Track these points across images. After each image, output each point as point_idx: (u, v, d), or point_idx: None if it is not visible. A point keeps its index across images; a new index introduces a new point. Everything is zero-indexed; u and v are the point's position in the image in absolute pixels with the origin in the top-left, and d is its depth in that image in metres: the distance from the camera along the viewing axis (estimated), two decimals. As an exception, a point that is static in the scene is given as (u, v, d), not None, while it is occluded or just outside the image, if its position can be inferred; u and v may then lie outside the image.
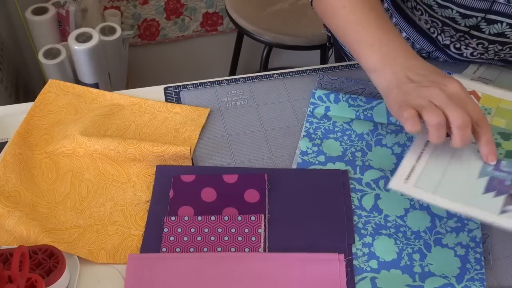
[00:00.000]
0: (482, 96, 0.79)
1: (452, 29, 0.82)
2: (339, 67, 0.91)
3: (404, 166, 0.67)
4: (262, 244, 0.66)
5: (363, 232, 0.68)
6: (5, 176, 0.71)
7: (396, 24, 0.93)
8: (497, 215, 0.62)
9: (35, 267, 0.60)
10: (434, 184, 0.66)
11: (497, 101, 0.79)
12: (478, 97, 0.79)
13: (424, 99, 0.62)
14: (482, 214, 0.63)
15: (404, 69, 0.66)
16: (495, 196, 0.65)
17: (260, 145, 0.78)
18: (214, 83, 0.87)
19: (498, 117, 0.77)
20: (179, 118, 0.81)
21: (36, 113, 0.80)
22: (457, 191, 0.65)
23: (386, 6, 0.93)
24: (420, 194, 0.65)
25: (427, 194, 0.65)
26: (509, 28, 0.77)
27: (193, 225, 0.67)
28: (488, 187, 0.65)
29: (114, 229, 0.68)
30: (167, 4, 1.94)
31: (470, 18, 0.77)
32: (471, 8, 0.76)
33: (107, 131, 0.79)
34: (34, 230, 0.66)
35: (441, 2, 0.77)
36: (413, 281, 0.64)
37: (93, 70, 1.56)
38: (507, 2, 0.73)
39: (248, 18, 1.63)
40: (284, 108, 0.84)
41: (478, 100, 0.79)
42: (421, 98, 0.62)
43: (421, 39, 0.89)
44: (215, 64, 2.19)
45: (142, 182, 0.73)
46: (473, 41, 0.82)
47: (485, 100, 0.79)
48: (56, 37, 1.64)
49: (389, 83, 0.67)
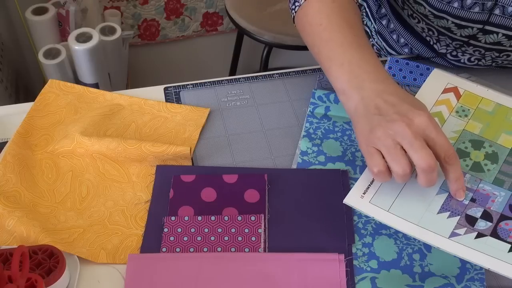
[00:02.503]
0: (463, 93, 0.75)
1: (448, 38, 0.81)
2: (339, 67, 0.90)
3: (361, 180, 0.65)
4: (262, 244, 0.66)
5: (363, 232, 0.68)
6: (5, 176, 0.71)
7: (394, 30, 0.93)
8: (446, 239, 0.60)
9: (35, 267, 0.60)
10: (389, 200, 0.63)
11: (478, 100, 0.74)
12: (459, 94, 0.75)
13: (389, 140, 0.60)
14: (432, 237, 0.60)
15: (372, 95, 0.64)
16: (449, 217, 0.62)
17: (260, 145, 0.78)
18: (214, 83, 0.87)
19: (475, 120, 0.72)
20: (179, 118, 0.81)
21: (36, 113, 0.80)
22: (412, 209, 0.63)
23: (384, 12, 0.93)
24: (373, 212, 0.62)
25: (381, 212, 0.62)
26: (505, 38, 0.77)
27: (193, 225, 0.67)
28: (444, 207, 0.63)
29: (114, 229, 0.68)
30: (167, 4, 1.94)
31: (466, 28, 0.77)
32: (467, 19, 0.75)
33: (107, 131, 0.79)
34: (34, 230, 0.66)
35: (437, 13, 0.77)
36: (413, 281, 0.64)
37: (93, 70, 1.56)
38: (502, 14, 0.73)
39: (248, 18, 1.63)
40: (284, 108, 0.84)
41: (458, 98, 0.74)
42: (387, 138, 0.60)
43: (419, 45, 0.89)
44: (215, 64, 2.19)
45: (142, 182, 0.73)
46: (469, 49, 0.82)
47: (466, 99, 0.74)
48: (56, 37, 1.64)
49: (355, 109, 0.65)
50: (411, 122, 0.60)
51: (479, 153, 0.69)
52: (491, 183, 0.66)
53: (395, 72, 0.86)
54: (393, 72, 0.86)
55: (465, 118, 0.72)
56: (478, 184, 0.66)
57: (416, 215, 0.63)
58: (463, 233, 0.61)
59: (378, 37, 0.98)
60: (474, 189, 0.66)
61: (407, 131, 0.59)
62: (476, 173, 0.67)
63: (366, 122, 0.63)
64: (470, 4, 0.73)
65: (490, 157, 0.69)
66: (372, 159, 0.61)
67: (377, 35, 0.98)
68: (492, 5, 0.72)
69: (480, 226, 0.62)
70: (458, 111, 0.73)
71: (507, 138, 0.71)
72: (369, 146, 0.62)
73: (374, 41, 1.00)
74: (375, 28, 0.98)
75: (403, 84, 0.85)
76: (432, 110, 0.73)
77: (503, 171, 0.68)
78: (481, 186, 0.66)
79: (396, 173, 0.60)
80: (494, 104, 0.74)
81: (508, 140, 0.70)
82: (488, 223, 0.62)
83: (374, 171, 0.61)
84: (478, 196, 0.65)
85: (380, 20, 0.95)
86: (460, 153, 0.69)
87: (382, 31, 0.96)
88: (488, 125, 0.72)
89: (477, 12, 0.73)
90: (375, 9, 0.96)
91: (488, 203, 0.64)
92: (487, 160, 0.68)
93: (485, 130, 0.71)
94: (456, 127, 0.72)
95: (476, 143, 0.70)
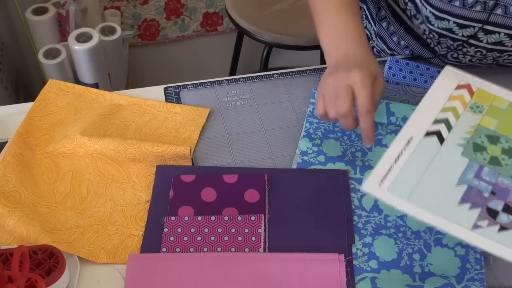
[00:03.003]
0: (476, 91, 0.74)
1: (449, 39, 0.81)
2: (339, 67, 0.90)
3: (380, 166, 0.64)
4: (262, 244, 0.66)
5: (363, 232, 0.68)
6: (5, 176, 0.71)
7: (395, 32, 0.93)
8: (468, 230, 0.60)
9: (35, 267, 0.60)
10: (409, 189, 0.63)
11: (492, 98, 0.74)
12: (472, 91, 0.74)
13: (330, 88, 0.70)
14: (454, 228, 0.60)
15: (342, 57, 0.73)
16: (470, 208, 0.62)
17: (260, 145, 0.78)
18: (214, 83, 0.87)
19: (489, 116, 0.72)
20: (179, 118, 0.81)
21: (36, 113, 0.80)
22: (432, 199, 0.62)
23: (384, 14, 0.93)
24: (392, 200, 0.62)
25: (400, 201, 0.62)
26: (507, 37, 0.77)
27: (193, 225, 0.67)
28: (464, 197, 0.63)
29: (114, 229, 0.68)
30: (167, 4, 1.93)
31: (467, 28, 0.77)
32: (468, 18, 0.75)
33: (107, 131, 0.79)
34: (34, 230, 0.66)
35: (438, 14, 0.77)
36: (413, 281, 0.64)
37: (93, 70, 1.55)
38: (504, 14, 0.73)
39: (248, 18, 1.63)
40: (284, 108, 0.84)
41: (471, 95, 0.74)
42: (328, 86, 0.71)
43: (419, 47, 0.89)
44: (215, 64, 2.19)
45: (142, 182, 0.73)
46: (471, 49, 0.82)
47: (479, 96, 0.74)
48: (56, 37, 1.64)
49: (328, 68, 0.74)
50: (348, 76, 0.69)
51: (496, 148, 0.69)
52: (510, 177, 0.66)
53: (395, 72, 0.86)
54: (393, 72, 0.86)
55: (480, 114, 0.72)
56: (497, 178, 0.66)
57: (438, 205, 0.62)
58: (485, 226, 0.61)
59: (378, 40, 0.98)
60: (493, 182, 0.65)
61: (341, 82, 0.69)
62: (494, 166, 0.67)
63: (325, 75, 0.73)
64: (472, 3, 0.73)
65: (507, 152, 0.68)
66: (318, 102, 0.72)
67: (377, 38, 0.98)
68: (493, 4, 0.72)
69: (502, 219, 0.62)
70: (472, 107, 0.72)
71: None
72: (318, 90, 0.73)
73: (374, 43, 1.00)
74: (375, 31, 0.98)
75: (403, 84, 0.85)
76: (446, 104, 0.73)
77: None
78: (500, 180, 0.65)
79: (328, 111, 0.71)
80: (508, 102, 0.73)
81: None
82: (510, 216, 0.62)
83: (317, 111, 0.72)
84: (497, 189, 0.64)
85: (380, 23, 0.95)
86: (477, 147, 0.69)
87: (382, 34, 0.96)
88: (504, 122, 0.71)
89: (478, 11, 0.73)
90: (375, 11, 0.96)
91: (509, 197, 0.64)
92: (504, 155, 0.68)
93: (500, 126, 0.71)
94: (471, 122, 0.71)
95: (492, 138, 0.70)
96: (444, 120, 0.70)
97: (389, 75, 0.86)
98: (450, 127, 0.69)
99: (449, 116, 0.70)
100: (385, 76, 0.86)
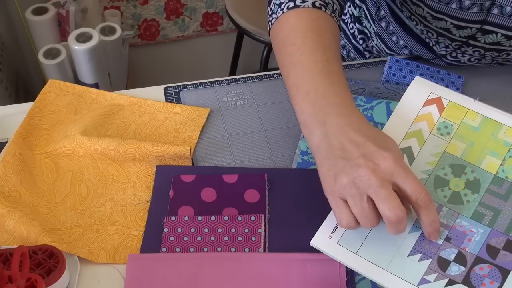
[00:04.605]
0: (447, 105, 0.69)
1: (447, 39, 0.81)
2: (339, 67, 0.90)
3: (329, 219, 0.62)
4: (262, 244, 0.66)
5: (363, 232, 0.68)
6: (5, 176, 0.71)
7: (394, 32, 0.92)
8: (415, 286, 0.57)
9: (35, 267, 0.60)
10: (359, 241, 0.60)
11: (464, 112, 0.68)
12: (442, 106, 0.69)
13: (355, 189, 0.56)
14: (400, 286, 0.57)
15: (336, 132, 0.59)
16: (420, 259, 0.59)
17: (260, 145, 0.78)
18: (214, 83, 0.87)
19: (458, 140, 0.67)
20: (179, 118, 0.81)
21: (36, 113, 0.80)
22: (381, 250, 0.59)
23: (383, 14, 0.93)
24: (341, 255, 0.60)
25: (349, 255, 0.60)
26: (504, 38, 0.77)
27: (193, 225, 0.67)
28: (416, 247, 0.60)
29: (114, 229, 0.68)
30: (167, 4, 1.94)
31: (465, 29, 0.77)
32: (465, 20, 0.75)
33: (107, 131, 0.79)
34: (34, 230, 0.66)
35: (435, 15, 0.77)
36: (413, 281, 0.64)
37: (93, 70, 1.56)
38: (500, 14, 0.73)
39: (248, 18, 1.63)
40: (284, 108, 0.84)
41: (441, 111, 0.68)
42: (352, 187, 0.56)
43: (418, 47, 0.89)
44: (215, 64, 2.19)
45: (142, 182, 0.73)
46: (469, 49, 0.82)
47: (450, 111, 0.69)
48: (56, 37, 1.64)
49: (318, 147, 0.60)
50: (377, 167, 0.55)
51: (460, 181, 0.65)
52: (470, 217, 0.63)
53: (395, 71, 0.86)
54: (393, 71, 0.86)
55: (447, 137, 0.67)
56: (455, 220, 0.62)
57: (386, 258, 0.59)
58: (433, 280, 0.58)
59: (377, 39, 0.98)
60: (451, 225, 0.62)
61: (373, 178, 0.55)
62: (455, 205, 0.63)
63: (330, 166, 0.59)
64: (468, 5, 0.73)
65: (471, 185, 0.65)
66: (340, 212, 0.58)
67: (376, 37, 0.98)
68: (490, 5, 0.72)
69: (452, 271, 0.59)
70: (440, 128, 0.68)
71: (491, 162, 0.66)
72: (335, 196, 0.58)
73: (374, 43, 1.00)
74: (374, 30, 0.98)
75: (403, 84, 0.85)
76: (411, 128, 0.68)
77: (484, 202, 0.64)
78: (458, 221, 0.62)
79: (364, 226, 0.57)
80: (480, 117, 0.68)
81: (493, 165, 0.66)
82: (461, 267, 0.59)
83: (343, 224, 0.58)
84: (454, 234, 0.61)
85: (379, 22, 0.95)
86: (439, 182, 0.65)
87: (381, 33, 0.96)
88: (472, 145, 0.67)
89: (475, 12, 0.74)
90: (374, 11, 0.96)
91: (464, 243, 0.61)
92: (467, 190, 0.64)
93: (468, 151, 0.66)
94: (436, 149, 0.67)
95: (457, 168, 0.65)
96: (407, 150, 0.65)
97: (389, 74, 0.86)
98: (412, 159, 0.65)
99: (412, 144, 0.66)
100: (385, 75, 0.86)
